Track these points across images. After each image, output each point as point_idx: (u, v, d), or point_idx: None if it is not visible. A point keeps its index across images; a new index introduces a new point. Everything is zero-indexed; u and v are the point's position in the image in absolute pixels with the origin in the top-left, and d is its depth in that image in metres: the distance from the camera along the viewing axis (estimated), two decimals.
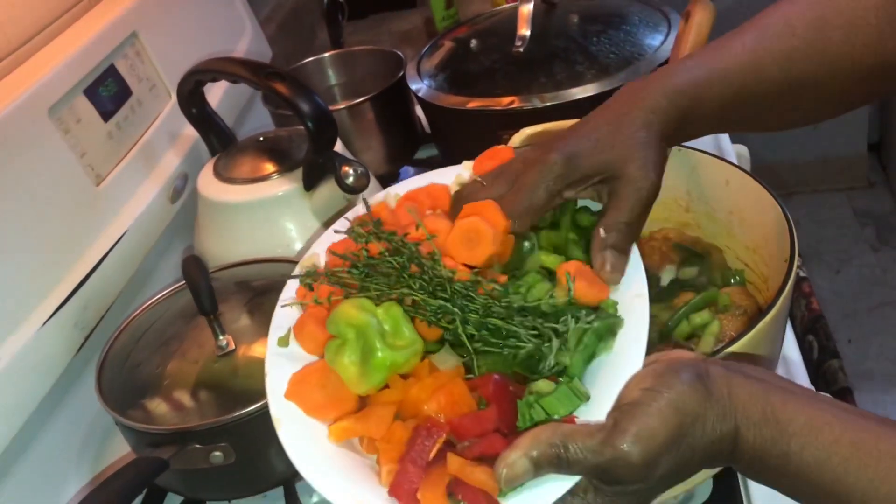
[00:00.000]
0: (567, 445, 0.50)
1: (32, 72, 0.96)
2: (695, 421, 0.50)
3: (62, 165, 0.95)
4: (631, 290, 0.62)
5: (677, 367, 0.52)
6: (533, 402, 0.55)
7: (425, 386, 0.58)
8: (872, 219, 2.81)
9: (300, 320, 0.66)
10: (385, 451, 0.57)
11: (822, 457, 0.49)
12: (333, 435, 0.59)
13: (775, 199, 0.78)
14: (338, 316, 0.61)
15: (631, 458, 0.49)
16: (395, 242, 0.65)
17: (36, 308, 0.88)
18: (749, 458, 0.51)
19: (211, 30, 1.33)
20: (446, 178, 0.76)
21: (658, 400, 0.50)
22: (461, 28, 1.37)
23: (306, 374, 0.62)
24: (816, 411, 0.51)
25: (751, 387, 0.52)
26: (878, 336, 2.39)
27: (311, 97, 0.92)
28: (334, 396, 0.60)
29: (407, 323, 0.60)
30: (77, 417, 0.96)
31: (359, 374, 0.59)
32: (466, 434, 0.55)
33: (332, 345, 0.61)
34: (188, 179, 1.14)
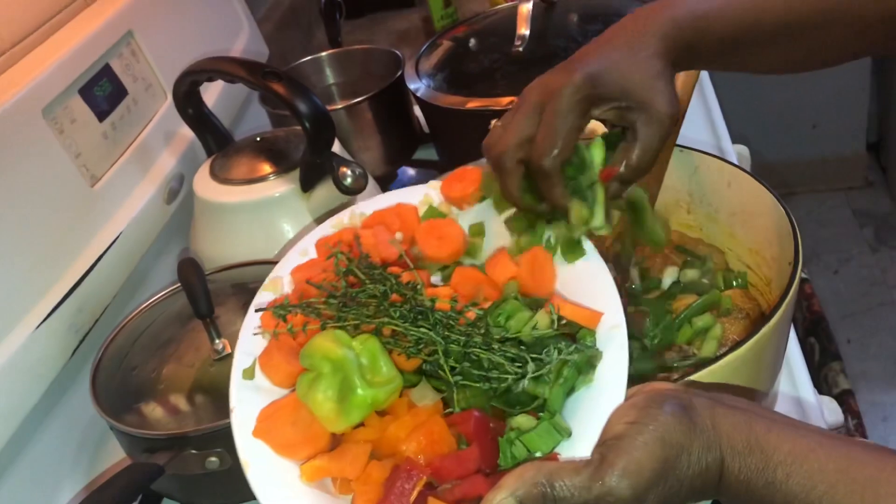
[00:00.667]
0: (553, 483, 0.49)
1: (26, 71, 0.94)
2: (680, 453, 0.50)
3: (56, 166, 0.94)
4: (607, 322, 0.60)
5: (661, 400, 0.52)
6: (514, 438, 0.54)
7: (403, 424, 0.56)
8: (871, 219, 2.80)
9: (266, 350, 0.63)
10: (361, 492, 0.55)
11: (808, 485, 0.49)
12: (306, 475, 0.57)
13: (778, 200, 0.77)
14: (312, 349, 0.58)
15: (620, 492, 0.48)
16: (375, 274, 0.63)
17: (30, 311, 0.86)
18: (735, 489, 0.51)
19: (207, 29, 1.32)
20: (413, 198, 0.75)
21: (643, 433, 0.50)
22: (459, 27, 1.36)
23: (275, 410, 0.59)
24: (800, 439, 0.51)
25: (734, 417, 0.52)
26: (877, 336, 2.39)
27: (308, 97, 0.91)
28: (306, 433, 0.57)
29: (385, 357, 0.58)
30: (71, 422, 0.95)
31: (335, 411, 0.56)
32: (448, 476, 0.53)
33: (304, 379, 0.58)
34: (184, 180, 1.13)
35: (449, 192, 0.74)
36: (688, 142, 0.86)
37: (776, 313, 0.66)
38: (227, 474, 0.78)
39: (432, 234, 0.70)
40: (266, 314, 0.65)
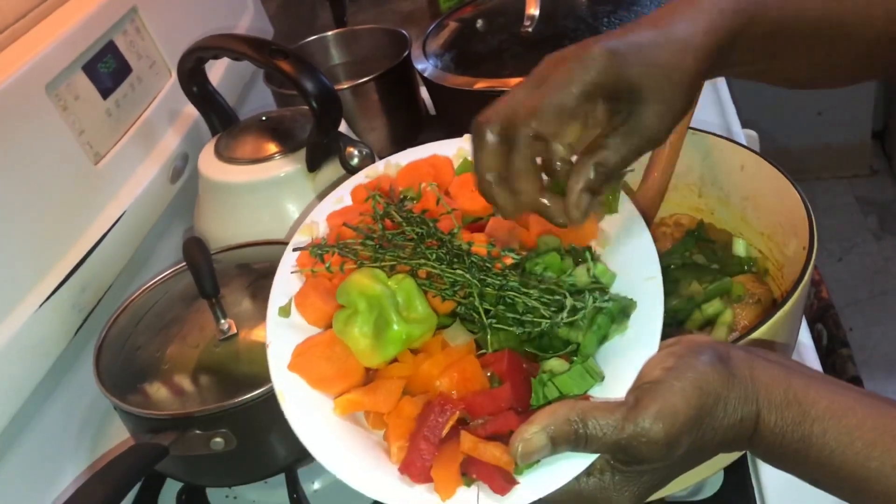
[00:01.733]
0: (586, 422, 0.48)
1: (30, 47, 0.93)
2: (717, 401, 0.49)
3: (60, 143, 0.92)
4: (643, 273, 0.60)
5: (699, 349, 0.51)
6: (547, 380, 0.54)
7: (437, 362, 0.57)
8: (875, 207, 2.79)
9: (302, 290, 0.64)
10: (394, 426, 0.55)
11: (844, 441, 0.48)
12: (339, 407, 0.57)
13: (793, 184, 0.76)
14: (350, 286, 0.58)
15: (653, 435, 0.48)
16: (412, 217, 0.64)
17: (33, 289, 0.86)
18: (769, 441, 0.50)
19: (212, 7, 1.30)
20: (448, 150, 0.75)
21: (681, 379, 0.49)
22: (466, 8, 1.35)
23: (310, 346, 0.60)
24: (839, 396, 0.50)
25: (772, 370, 0.51)
26: (881, 324, 2.38)
27: (316, 76, 0.90)
28: (341, 368, 0.58)
29: (420, 296, 0.59)
30: (74, 402, 0.94)
31: (371, 346, 0.57)
32: (480, 411, 0.54)
33: (341, 315, 0.59)
34: (188, 159, 1.12)
35: None
36: (698, 125, 0.84)
37: (791, 298, 0.65)
38: (232, 455, 0.78)
39: (467, 186, 0.70)
40: (303, 255, 0.66)
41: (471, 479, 0.51)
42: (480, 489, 0.51)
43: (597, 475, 0.51)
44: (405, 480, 0.53)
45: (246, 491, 0.87)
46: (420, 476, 0.52)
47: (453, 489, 0.51)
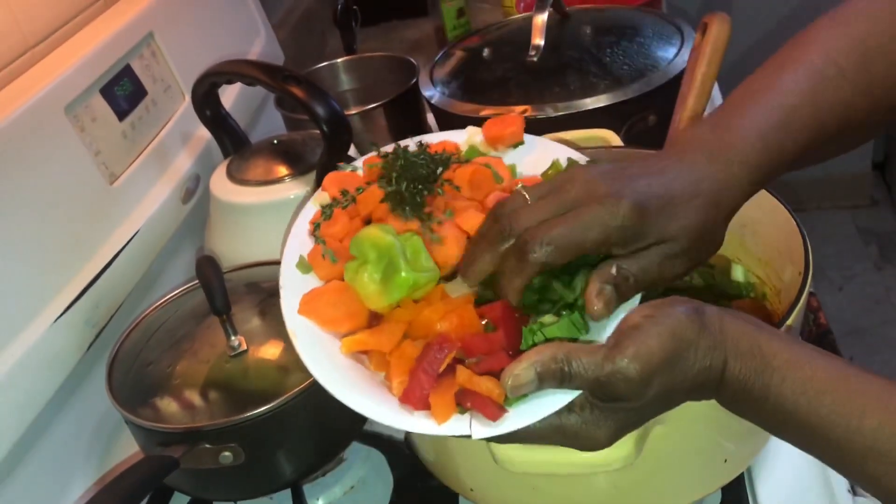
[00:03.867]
0: (570, 360, 0.53)
1: (50, 70, 0.96)
2: (689, 347, 0.53)
3: (77, 163, 0.95)
4: None
5: (675, 302, 0.56)
6: (536, 329, 0.58)
7: (437, 308, 0.61)
8: (876, 237, 2.81)
9: (314, 250, 0.69)
10: (396, 364, 0.59)
11: (798, 389, 0.53)
12: (346, 346, 0.62)
13: (790, 212, 0.79)
14: (362, 237, 0.63)
15: (629, 373, 0.52)
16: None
17: (47, 305, 0.88)
18: (734, 388, 0.55)
19: (225, 32, 1.34)
20: (458, 138, 0.80)
21: (657, 325, 0.54)
22: (473, 37, 1.38)
23: (319, 293, 0.65)
24: (799, 351, 0.55)
25: (741, 325, 0.56)
26: (880, 354, 2.39)
27: (327, 101, 0.93)
28: (347, 310, 0.63)
29: (426, 253, 0.64)
30: (85, 416, 0.96)
31: (378, 290, 0.62)
32: (475, 351, 0.58)
33: (351, 265, 0.64)
34: (200, 181, 1.15)
35: (489, 131, 0.78)
36: None
37: (786, 321, 0.67)
38: (240, 469, 0.79)
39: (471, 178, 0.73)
40: (314, 216, 0.73)
41: (465, 408, 0.56)
42: (473, 417, 0.55)
43: (577, 411, 0.55)
44: (405, 408, 0.57)
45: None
46: (419, 403, 0.56)
47: (449, 415, 0.55)
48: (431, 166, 0.72)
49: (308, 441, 0.83)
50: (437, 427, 0.55)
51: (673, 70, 1.13)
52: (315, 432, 0.82)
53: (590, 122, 1.01)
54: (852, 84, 0.65)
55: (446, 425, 0.55)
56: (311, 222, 0.72)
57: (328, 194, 0.75)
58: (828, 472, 0.81)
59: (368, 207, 0.71)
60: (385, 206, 0.70)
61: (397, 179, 0.69)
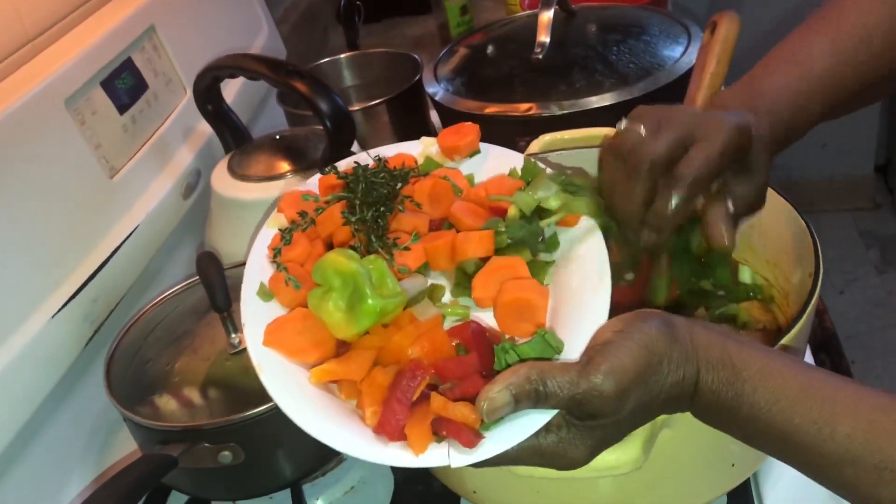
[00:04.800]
0: (544, 380, 0.52)
1: (50, 62, 0.95)
2: (661, 360, 0.53)
3: (77, 157, 0.94)
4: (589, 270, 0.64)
5: (645, 316, 0.56)
6: (508, 348, 0.57)
7: (408, 333, 0.60)
8: (878, 240, 2.81)
9: (275, 276, 0.67)
10: (367, 393, 0.58)
11: (770, 398, 0.53)
12: (315, 376, 0.60)
13: (799, 213, 0.78)
14: (325, 264, 0.61)
15: (604, 389, 0.52)
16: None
17: (46, 299, 0.87)
18: (707, 399, 0.55)
19: (228, 27, 1.33)
20: (413, 150, 0.78)
21: (629, 340, 0.54)
22: (477, 34, 1.37)
23: (283, 322, 0.63)
24: (769, 360, 0.55)
25: (710, 335, 0.56)
26: (881, 358, 2.39)
27: (330, 96, 0.92)
28: (313, 339, 0.61)
29: (391, 276, 0.62)
30: (82, 413, 0.95)
31: (345, 319, 0.60)
32: (449, 376, 0.57)
33: (315, 292, 0.62)
34: (201, 176, 1.14)
35: (444, 141, 0.77)
36: None
37: (797, 324, 0.66)
38: (239, 469, 0.78)
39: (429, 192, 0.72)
40: (273, 241, 0.70)
41: (441, 436, 0.55)
42: (451, 445, 0.54)
43: (554, 431, 0.55)
44: (380, 440, 0.56)
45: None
46: (394, 434, 0.55)
47: (426, 445, 0.54)
48: (391, 184, 0.70)
49: (308, 441, 0.80)
50: (414, 459, 0.54)
51: (679, 69, 1.12)
52: None
53: (595, 120, 1.00)
54: (877, 52, 0.68)
55: (424, 456, 0.54)
56: (270, 247, 0.70)
57: (284, 216, 0.73)
58: None
59: (328, 229, 0.69)
60: (346, 228, 0.68)
61: (360, 207, 0.68)
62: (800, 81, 0.68)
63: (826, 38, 0.69)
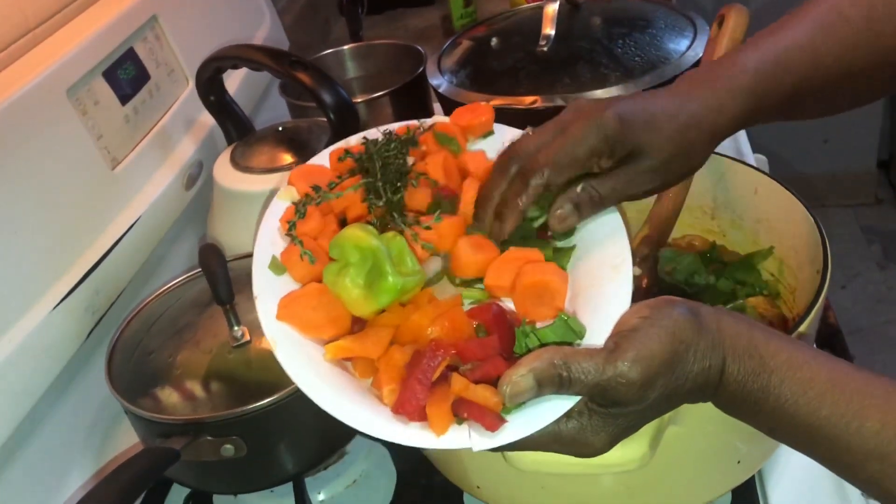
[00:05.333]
0: (569, 365, 0.51)
1: (52, 52, 0.94)
2: (688, 348, 0.53)
3: (79, 147, 0.93)
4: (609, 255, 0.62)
5: (672, 302, 0.55)
6: (529, 331, 0.57)
7: (427, 312, 0.59)
8: (880, 236, 2.80)
9: (288, 249, 0.65)
10: (385, 371, 0.57)
11: (798, 391, 0.52)
12: (330, 352, 0.58)
13: (807, 208, 0.77)
14: (343, 239, 0.60)
15: (631, 376, 0.51)
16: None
17: (47, 291, 0.86)
18: (732, 389, 0.54)
19: (230, 18, 1.32)
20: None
21: (656, 326, 0.53)
22: (480, 27, 1.36)
23: (297, 297, 0.62)
24: (796, 351, 0.54)
25: (738, 325, 0.55)
26: (882, 353, 2.38)
27: (334, 87, 0.91)
28: (329, 315, 0.60)
29: (410, 253, 0.61)
30: (83, 406, 0.94)
31: (363, 296, 0.59)
32: (470, 357, 0.56)
33: (332, 267, 0.60)
34: (203, 167, 1.13)
35: (458, 120, 0.75)
36: None
37: (805, 320, 0.66)
38: (241, 462, 0.78)
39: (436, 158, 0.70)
40: (286, 214, 0.68)
41: (462, 418, 0.54)
42: (471, 427, 0.53)
43: (576, 417, 0.54)
44: (399, 419, 0.55)
45: (252, 499, 0.87)
46: (414, 414, 0.54)
47: (447, 426, 0.53)
48: (403, 153, 0.69)
49: (311, 434, 0.81)
50: (435, 440, 0.53)
51: (685, 63, 1.11)
52: (318, 425, 0.81)
53: None
54: (855, 30, 0.66)
55: (445, 438, 0.53)
56: (283, 220, 0.68)
57: (296, 190, 0.71)
58: None
59: (343, 203, 0.67)
60: (360, 203, 0.67)
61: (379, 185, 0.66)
62: (772, 49, 0.66)
63: (806, 14, 0.68)
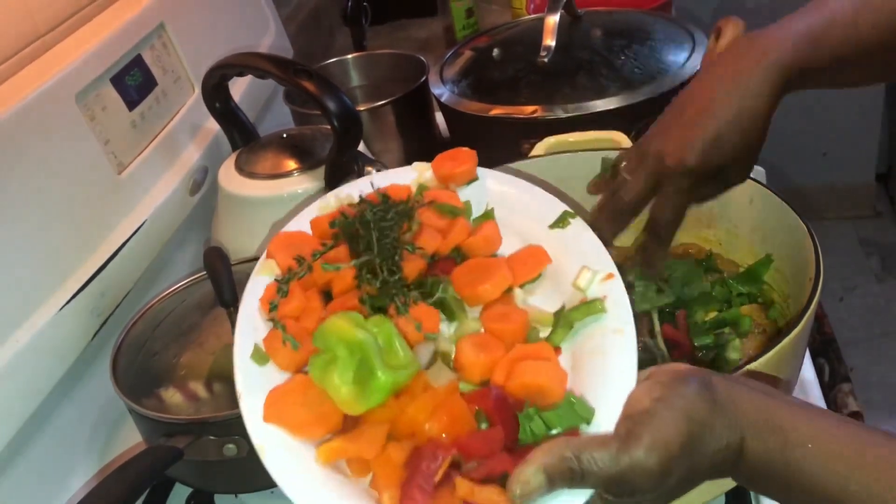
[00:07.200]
0: (581, 457, 0.49)
1: (61, 57, 0.96)
2: (703, 429, 0.50)
3: (86, 152, 0.95)
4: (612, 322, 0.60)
5: (684, 377, 0.53)
6: (533, 415, 0.54)
7: (423, 405, 0.55)
8: (878, 248, 2.81)
9: (270, 335, 0.60)
10: (382, 474, 0.54)
11: (824, 464, 0.50)
12: (323, 456, 0.55)
13: (800, 217, 0.79)
14: (328, 331, 0.56)
15: (648, 465, 0.49)
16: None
17: (53, 293, 0.87)
18: (753, 466, 0.52)
19: (235, 26, 1.34)
20: (404, 178, 0.73)
21: (670, 409, 0.50)
22: (482, 37, 1.38)
23: (283, 393, 0.58)
24: (819, 422, 0.52)
25: (754, 397, 0.53)
26: (880, 365, 2.39)
27: (338, 95, 0.93)
28: (318, 412, 0.56)
29: (400, 339, 0.57)
30: (87, 406, 0.95)
31: (353, 394, 0.55)
32: (474, 454, 0.53)
33: (317, 361, 0.56)
34: (208, 173, 1.14)
35: (440, 169, 0.72)
36: None
37: (797, 327, 0.67)
38: (243, 462, 0.79)
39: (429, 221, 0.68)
40: (267, 292, 0.64)
41: None
42: None
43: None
44: None
45: (253, 499, 0.88)
46: None
47: None
48: (399, 224, 0.65)
49: None
50: None
51: (684, 74, 1.13)
52: None
53: (600, 123, 1.01)
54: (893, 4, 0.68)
55: None
56: (263, 300, 0.63)
57: (275, 262, 0.66)
58: None
59: (327, 276, 0.63)
60: (345, 276, 0.62)
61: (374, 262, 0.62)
62: (812, 18, 0.69)
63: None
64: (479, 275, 0.63)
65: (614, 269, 0.63)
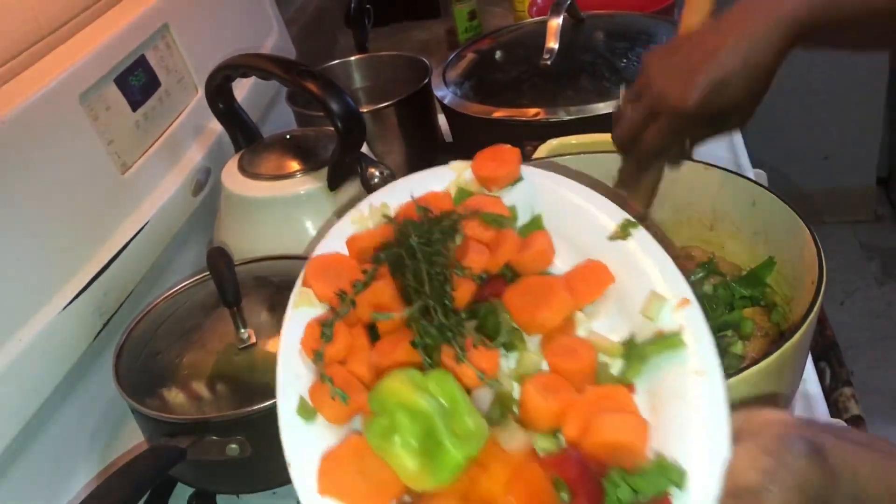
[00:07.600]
0: None
1: (65, 58, 0.96)
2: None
3: (90, 152, 0.95)
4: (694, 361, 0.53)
5: (790, 442, 0.47)
6: (619, 481, 0.49)
7: (497, 476, 0.50)
8: (879, 252, 2.82)
9: (317, 386, 0.54)
10: None
11: None
12: None
13: (803, 220, 0.79)
14: (384, 394, 0.50)
15: None
16: None
17: (56, 292, 0.88)
18: None
19: (239, 27, 1.34)
20: (438, 184, 0.67)
21: (779, 484, 0.46)
22: (485, 40, 1.38)
23: (338, 460, 0.51)
24: None
25: (873, 461, 0.48)
26: (880, 368, 2.39)
27: (342, 97, 0.93)
28: (377, 480, 0.50)
29: (466, 402, 0.51)
30: (89, 406, 0.95)
31: (419, 467, 0.49)
32: None
33: (374, 427, 0.50)
34: (210, 174, 1.15)
35: (480, 170, 0.66)
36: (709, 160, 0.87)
37: (800, 329, 0.67)
38: (246, 462, 0.79)
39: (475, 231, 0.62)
40: (308, 335, 0.56)
41: None
42: None
43: None
44: None
45: (255, 499, 0.88)
46: None
47: None
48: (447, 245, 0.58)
49: None
50: None
51: None
52: None
53: (603, 126, 1.00)
54: None
55: None
56: (306, 345, 0.56)
57: (313, 292, 0.59)
58: None
59: (370, 308, 0.56)
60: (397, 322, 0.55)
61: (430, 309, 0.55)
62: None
63: None
64: (536, 298, 0.57)
65: (689, 293, 0.56)
